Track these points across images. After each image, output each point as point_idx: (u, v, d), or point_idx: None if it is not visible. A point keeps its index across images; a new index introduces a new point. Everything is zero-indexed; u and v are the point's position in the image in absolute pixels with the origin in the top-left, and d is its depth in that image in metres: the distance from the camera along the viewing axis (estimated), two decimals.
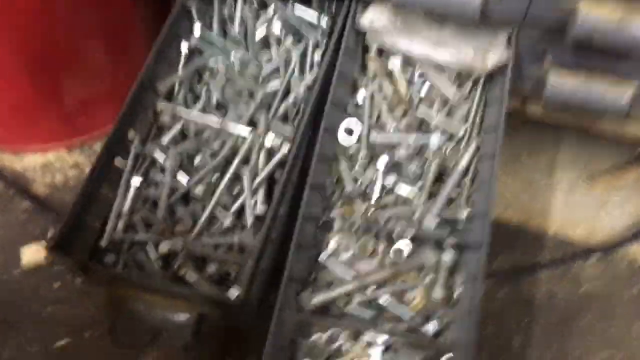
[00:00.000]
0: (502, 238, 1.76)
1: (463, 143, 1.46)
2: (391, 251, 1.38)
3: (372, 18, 1.49)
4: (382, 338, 1.27)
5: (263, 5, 1.61)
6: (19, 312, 1.60)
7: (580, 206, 1.89)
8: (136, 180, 1.35)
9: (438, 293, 1.31)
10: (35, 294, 1.63)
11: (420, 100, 1.53)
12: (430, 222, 1.36)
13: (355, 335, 1.29)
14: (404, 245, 1.36)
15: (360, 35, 1.55)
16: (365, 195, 1.44)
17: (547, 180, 1.95)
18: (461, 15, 1.39)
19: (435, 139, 1.44)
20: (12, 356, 1.52)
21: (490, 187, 1.31)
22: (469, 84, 1.52)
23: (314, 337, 1.30)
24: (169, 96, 1.51)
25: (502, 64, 1.43)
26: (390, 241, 1.39)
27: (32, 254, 1.70)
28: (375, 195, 1.42)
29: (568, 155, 1.96)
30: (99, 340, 1.54)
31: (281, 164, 1.39)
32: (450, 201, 1.40)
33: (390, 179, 1.42)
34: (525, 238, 1.85)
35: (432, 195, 1.41)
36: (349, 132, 1.49)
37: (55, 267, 1.67)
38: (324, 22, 1.57)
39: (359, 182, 1.44)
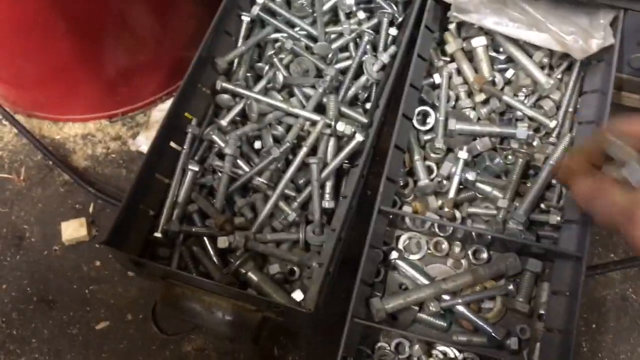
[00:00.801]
0: None
1: (553, 136, 1.31)
2: (469, 254, 1.26)
3: None
4: (455, 352, 1.17)
5: None
6: (59, 291, 1.54)
7: None
8: (193, 167, 1.23)
9: (520, 305, 1.19)
10: (76, 272, 1.56)
11: (505, 85, 1.37)
12: (516, 225, 1.22)
13: (427, 347, 1.19)
14: (484, 248, 1.24)
15: (441, 9, 1.39)
16: (440, 190, 1.30)
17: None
18: None
19: (522, 131, 1.29)
20: (52, 337, 1.46)
21: None
22: (560, 69, 1.36)
23: (380, 344, 1.21)
24: (228, 73, 1.37)
25: (606, 46, 1.26)
26: (468, 243, 1.27)
27: (73, 230, 1.62)
28: (453, 191, 1.28)
29: None
30: (140, 324, 1.47)
31: (353, 153, 1.26)
32: (538, 201, 1.26)
33: (470, 174, 1.28)
34: (596, 234, 1.73)
35: (517, 194, 1.27)
36: (424, 117, 1.35)
37: (96, 244, 1.59)
38: None
39: (433, 175, 1.31)
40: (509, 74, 1.38)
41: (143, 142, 1.73)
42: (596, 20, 1.30)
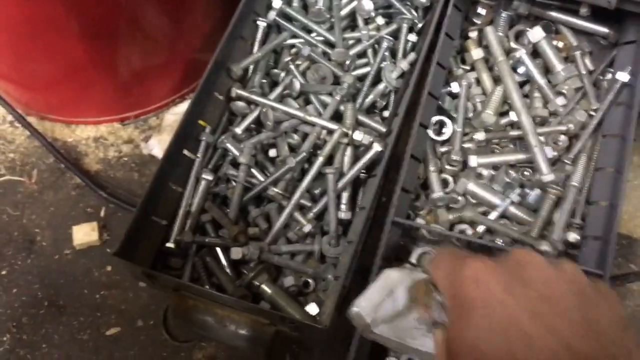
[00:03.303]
0: None
1: (573, 153, 1.27)
2: None
3: None
4: None
5: None
6: (70, 296, 1.52)
7: None
8: (207, 176, 1.21)
9: None
10: (87, 277, 1.54)
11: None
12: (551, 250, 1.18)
13: None
14: None
15: (461, 16, 1.36)
16: (454, 206, 1.27)
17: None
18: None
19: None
20: (63, 342, 1.45)
21: (613, 208, 1.14)
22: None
23: (389, 359, 1.18)
24: (243, 80, 1.34)
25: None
26: None
27: (84, 234, 1.60)
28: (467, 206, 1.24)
29: None
30: (151, 331, 1.45)
31: (370, 163, 1.23)
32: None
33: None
34: (616, 244, 1.69)
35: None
36: (440, 127, 1.31)
37: (107, 249, 1.58)
38: None
39: (448, 189, 1.27)
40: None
41: (155, 146, 1.71)
42: None
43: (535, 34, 1.27)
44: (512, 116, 1.28)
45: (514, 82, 1.28)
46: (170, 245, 1.18)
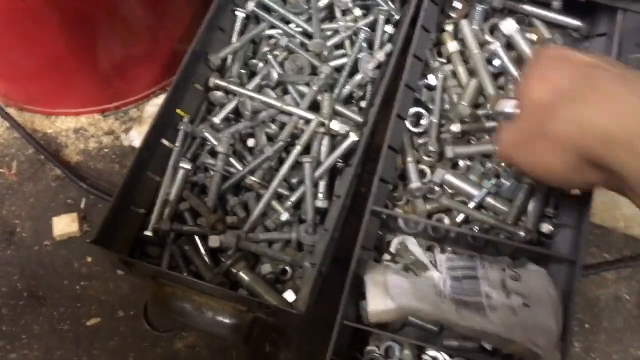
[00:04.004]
0: None
1: None
2: None
3: None
4: (445, 357, 1.16)
5: None
6: (50, 287, 1.52)
7: None
8: (185, 165, 1.22)
9: None
10: (67, 268, 1.54)
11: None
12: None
13: (417, 351, 1.18)
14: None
15: (438, 9, 1.37)
16: (431, 196, 1.29)
17: None
18: None
19: None
20: (43, 333, 1.45)
21: (585, 197, 1.17)
22: None
23: (369, 348, 1.20)
24: (222, 70, 1.35)
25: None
26: (459, 246, 1.26)
27: (64, 225, 1.60)
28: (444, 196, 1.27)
29: None
30: (131, 321, 1.46)
31: (347, 152, 1.24)
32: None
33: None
34: (590, 233, 1.72)
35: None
36: (417, 119, 1.33)
37: (87, 240, 1.58)
38: None
39: (426, 179, 1.29)
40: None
41: (136, 137, 1.71)
42: None
43: (508, 26, 1.29)
44: (488, 108, 1.30)
45: (489, 74, 1.30)
46: (148, 233, 1.18)
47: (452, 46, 1.34)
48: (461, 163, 1.30)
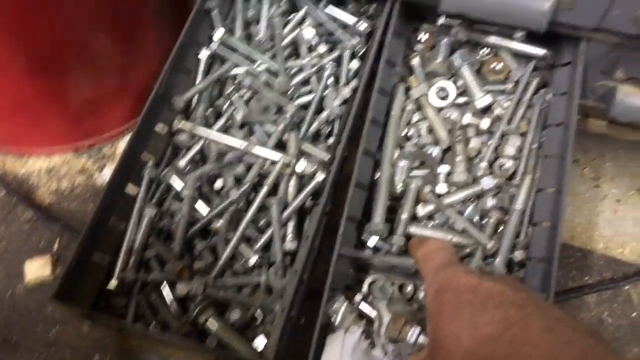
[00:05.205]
0: None
1: (518, 177, 1.28)
2: None
3: None
4: None
5: (292, 6, 1.42)
6: (24, 333, 1.49)
7: (630, 221, 1.75)
8: (150, 211, 1.20)
9: None
10: (40, 313, 1.52)
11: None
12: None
13: None
14: None
15: (404, 42, 1.37)
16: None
17: (592, 192, 1.80)
18: (526, 24, 1.20)
19: (487, 181, 1.25)
20: None
21: (553, 232, 1.15)
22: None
23: None
24: (187, 112, 1.33)
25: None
26: None
27: (37, 268, 1.58)
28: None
29: (615, 165, 1.80)
30: None
31: (315, 192, 1.23)
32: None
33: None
34: (571, 257, 1.72)
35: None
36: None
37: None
38: (362, 25, 1.37)
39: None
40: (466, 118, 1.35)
41: (109, 175, 1.69)
42: None
43: (456, 60, 1.31)
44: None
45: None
46: (113, 283, 1.16)
47: (417, 91, 1.33)
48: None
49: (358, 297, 1.21)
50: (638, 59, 1.23)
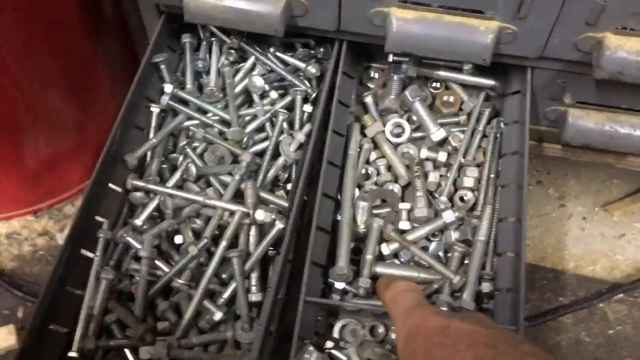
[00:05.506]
0: None
1: (479, 208, 1.28)
2: None
3: None
4: None
5: (242, 55, 1.42)
6: None
7: (598, 237, 1.76)
8: (107, 275, 1.16)
9: None
10: None
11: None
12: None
13: None
14: None
15: (356, 83, 1.38)
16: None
17: (558, 212, 1.81)
18: (471, 59, 1.21)
19: (449, 214, 1.25)
20: None
21: (517, 261, 1.15)
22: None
23: None
24: (142, 168, 1.31)
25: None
26: None
27: (1, 339, 1.53)
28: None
29: (578, 183, 1.83)
30: None
31: (276, 240, 1.21)
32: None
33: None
34: (543, 278, 1.72)
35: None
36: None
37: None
38: (312, 69, 1.38)
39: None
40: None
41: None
42: None
43: (408, 96, 1.31)
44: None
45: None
46: (72, 354, 1.12)
47: (371, 131, 1.34)
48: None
49: (329, 344, 1.19)
50: (583, 84, 1.25)
